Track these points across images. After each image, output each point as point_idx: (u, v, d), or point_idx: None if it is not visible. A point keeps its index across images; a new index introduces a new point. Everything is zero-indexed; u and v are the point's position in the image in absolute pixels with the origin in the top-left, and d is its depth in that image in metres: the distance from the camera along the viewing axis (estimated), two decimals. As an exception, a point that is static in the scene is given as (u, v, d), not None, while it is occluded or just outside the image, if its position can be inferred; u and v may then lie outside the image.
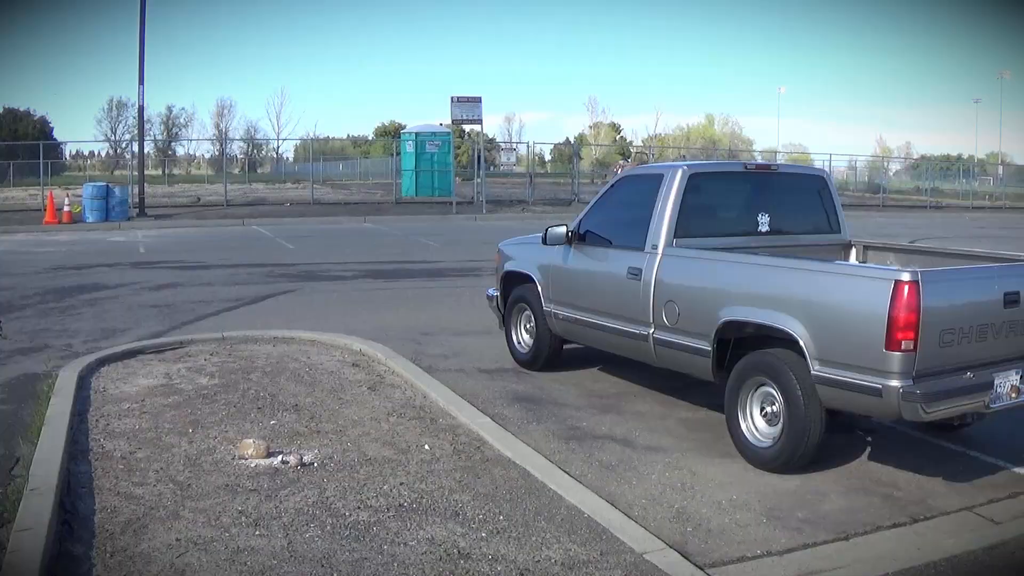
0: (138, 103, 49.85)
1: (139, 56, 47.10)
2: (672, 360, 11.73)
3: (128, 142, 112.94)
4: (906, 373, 9.07)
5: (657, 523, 8.71)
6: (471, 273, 26.20)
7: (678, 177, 11.94)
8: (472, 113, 55.96)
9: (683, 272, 11.53)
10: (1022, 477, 10.42)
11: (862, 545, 8.42)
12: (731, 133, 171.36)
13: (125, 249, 33.27)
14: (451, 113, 55.72)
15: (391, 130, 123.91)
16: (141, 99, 48.54)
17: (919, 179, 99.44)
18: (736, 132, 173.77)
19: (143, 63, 47.15)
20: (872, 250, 13.55)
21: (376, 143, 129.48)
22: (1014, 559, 8.09)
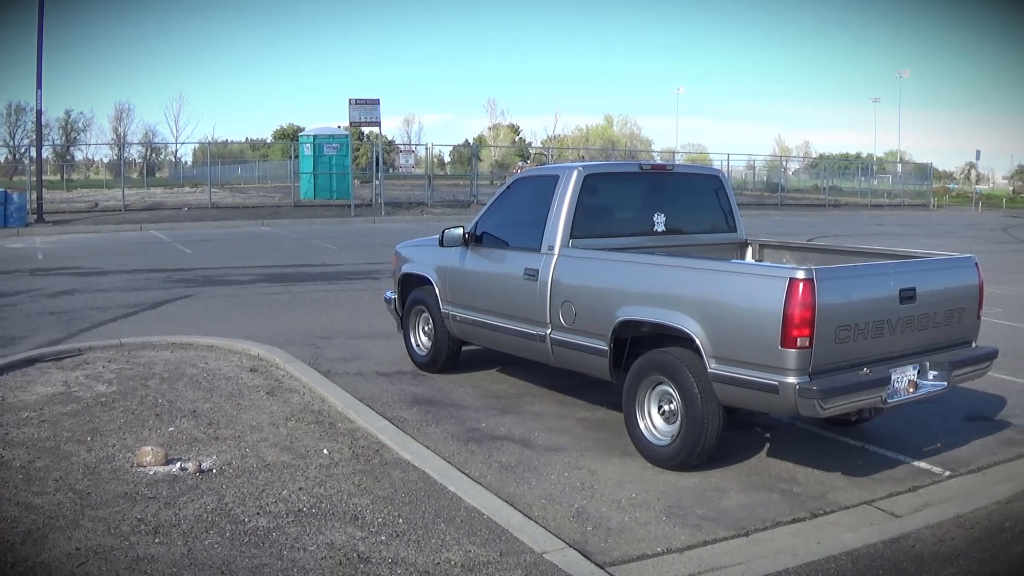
0: (36, 108, 49.22)
1: (37, 60, 46.61)
2: (570, 360, 11.77)
3: (26, 147, 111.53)
4: (802, 370, 9.17)
5: (557, 523, 8.74)
6: (369, 276, 26.15)
7: (573, 178, 11.98)
8: (370, 115, 55.91)
9: (579, 272, 11.56)
10: (921, 470, 10.59)
11: (762, 541, 8.50)
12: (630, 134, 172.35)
13: (23, 256, 32.85)
14: (349, 115, 55.66)
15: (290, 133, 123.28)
16: (39, 104, 47.95)
17: (818, 178, 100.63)
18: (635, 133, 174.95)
19: (41, 67, 46.66)
20: (768, 248, 13.70)
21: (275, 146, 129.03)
22: (914, 552, 8.16)
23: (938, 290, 10.70)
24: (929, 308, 10.42)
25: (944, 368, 10.47)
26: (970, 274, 11.18)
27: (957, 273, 11.17)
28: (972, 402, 13.30)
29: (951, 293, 10.89)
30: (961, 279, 11.10)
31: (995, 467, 10.75)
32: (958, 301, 10.92)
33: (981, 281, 11.22)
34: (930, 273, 10.93)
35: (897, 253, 12.08)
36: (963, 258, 11.33)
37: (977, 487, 9.99)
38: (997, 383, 14.13)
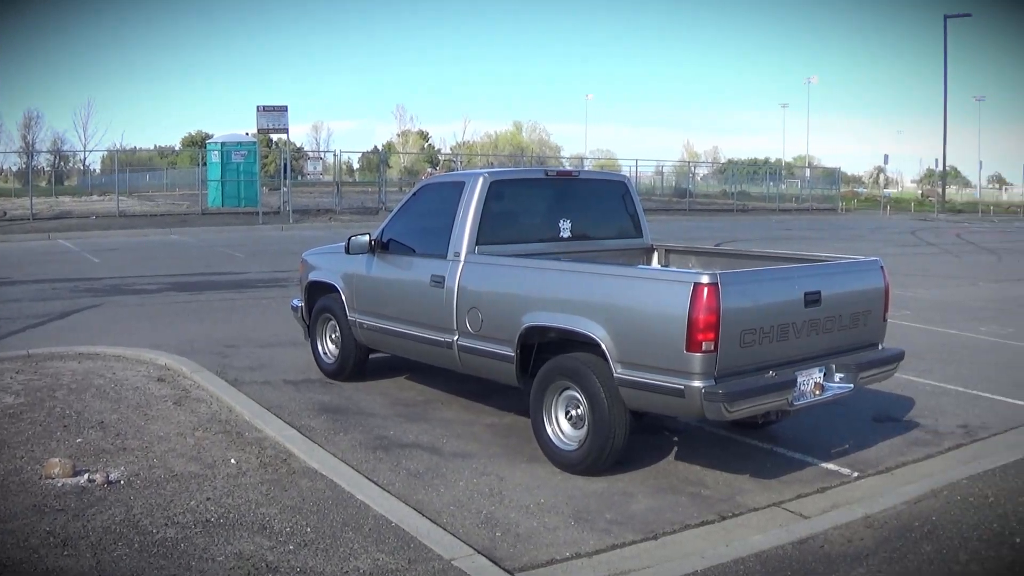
0: (-57, 116, 48.72)
1: (-56, 68, 46.12)
2: (477, 367, 11.76)
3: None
4: (708, 373, 9.21)
5: (466, 529, 8.72)
6: (277, 284, 26.04)
7: (479, 184, 11.98)
8: (278, 122, 55.79)
9: (485, 279, 11.55)
10: (830, 472, 10.69)
11: (671, 544, 8.52)
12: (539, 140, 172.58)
13: (-74, 268, 32.37)
14: (257, 122, 55.55)
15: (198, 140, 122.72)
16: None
17: (726, 183, 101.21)
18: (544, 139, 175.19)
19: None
20: (674, 253, 13.77)
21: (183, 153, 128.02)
22: (823, 552, 8.20)
23: (843, 293, 10.79)
24: (834, 311, 10.51)
25: (850, 370, 10.57)
26: (876, 277, 11.28)
27: (862, 276, 11.28)
28: (880, 403, 13.42)
29: (857, 296, 10.99)
30: (866, 282, 11.21)
31: (903, 467, 10.86)
32: (864, 304, 11.03)
33: (887, 284, 11.33)
34: (835, 277, 11.03)
35: (802, 257, 12.16)
36: (868, 261, 11.45)
37: (885, 487, 10.07)
38: (905, 384, 14.29)
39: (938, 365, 16.36)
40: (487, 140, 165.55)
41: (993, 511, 9.20)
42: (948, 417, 13.01)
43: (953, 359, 17.15)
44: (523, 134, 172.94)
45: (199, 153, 74.17)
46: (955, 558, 8.10)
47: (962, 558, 8.11)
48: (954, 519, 8.97)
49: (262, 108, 55.13)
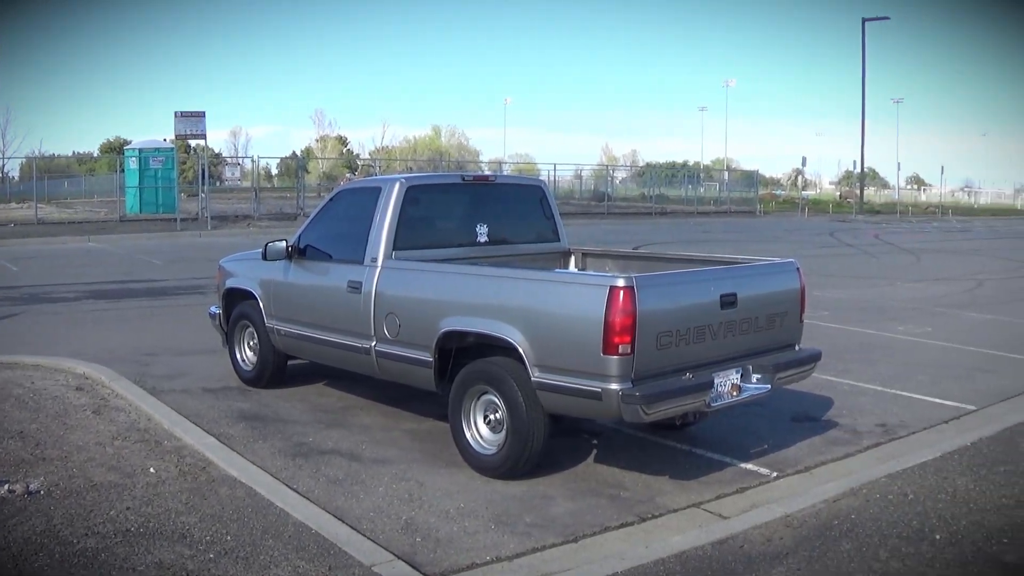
0: None
1: None
2: (395, 372, 11.74)
3: None
4: (625, 376, 9.23)
5: (386, 535, 8.69)
6: (196, 291, 25.83)
7: (396, 190, 11.95)
8: (196, 128, 55.44)
9: (403, 284, 11.54)
10: (749, 472, 10.76)
11: (591, 546, 8.53)
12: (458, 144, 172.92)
13: None
14: (175, 128, 55.17)
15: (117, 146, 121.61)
16: None
17: (645, 186, 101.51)
18: (463, 144, 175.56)
19: None
20: (591, 257, 13.82)
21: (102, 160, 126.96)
22: (743, 552, 8.23)
23: (760, 295, 10.87)
24: (751, 313, 10.59)
25: (767, 371, 10.66)
26: (792, 278, 11.37)
27: (779, 278, 11.37)
28: (798, 403, 13.53)
29: (773, 297, 11.08)
30: (783, 283, 11.30)
31: (822, 467, 10.94)
32: (780, 305, 11.11)
33: (803, 285, 11.40)
34: (751, 278, 11.10)
35: (719, 259, 12.21)
36: (785, 263, 11.54)
37: (804, 487, 10.14)
38: (823, 384, 14.40)
39: (856, 365, 16.50)
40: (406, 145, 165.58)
41: (912, 508, 9.30)
42: (867, 416, 13.13)
43: (871, 359, 17.30)
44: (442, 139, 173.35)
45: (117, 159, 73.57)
46: (875, 555, 8.17)
47: (882, 555, 8.17)
48: (873, 517, 9.05)
49: (180, 114, 54.80)
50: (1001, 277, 34.35)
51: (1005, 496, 9.69)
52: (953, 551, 8.31)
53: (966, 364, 17.05)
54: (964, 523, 8.93)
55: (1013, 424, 12.54)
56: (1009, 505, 9.45)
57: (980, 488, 9.92)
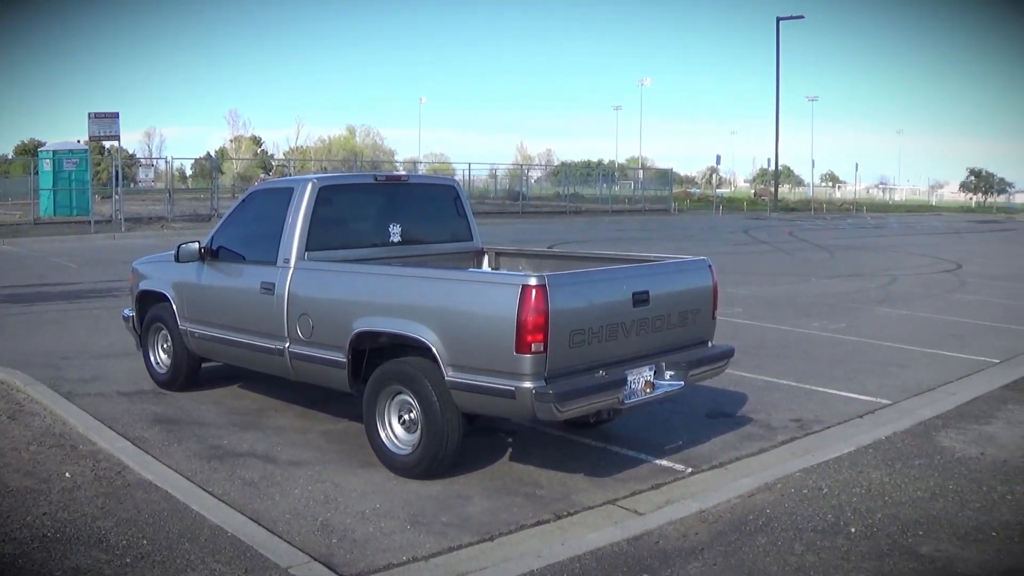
0: None
1: None
2: (309, 373, 11.70)
3: None
4: (538, 374, 9.27)
5: (302, 537, 8.65)
6: (110, 294, 25.59)
7: (308, 190, 11.90)
8: (110, 129, 54.83)
9: (316, 285, 11.51)
10: (664, 468, 10.81)
11: (507, 544, 8.54)
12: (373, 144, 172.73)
13: None
14: (89, 129, 54.52)
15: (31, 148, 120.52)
16: None
17: (560, 185, 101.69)
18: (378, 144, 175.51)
19: None
20: (504, 256, 13.86)
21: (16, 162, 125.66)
22: (658, 548, 8.26)
23: (672, 292, 10.95)
24: (663, 310, 10.66)
25: (680, 368, 10.71)
26: (704, 276, 11.46)
27: (691, 275, 11.46)
28: (713, 400, 13.63)
29: (685, 295, 11.16)
30: (695, 281, 11.38)
31: (736, 462, 11.01)
32: (693, 302, 11.19)
33: (715, 282, 11.51)
34: (663, 276, 11.19)
35: (631, 258, 12.29)
36: (697, 260, 11.62)
37: (719, 482, 10.20)
38: (738, 380, 14.51)
39: (770, 361, 16.64)
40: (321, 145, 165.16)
41: (827, 502, 9.39)
42: (781, 411, 13.26)
43: (785, 354, 17.46)
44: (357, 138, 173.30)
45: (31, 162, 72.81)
46: (790, 549, 8.23)
47: (797, 549, 8.24)
48: (788, 511, 9.13)
49: (94, 115, 54.18)
50: (914, 273, 34.75)
51: (920, 489, 9.80)
52: (868, 544, 8.39)
53: (880, 359, 17.23)
54: (879, 516, 9.03)
55: (927, 418, 12.68)
56: (924, 498, 9.56)
57: (895, 481, 10.03)
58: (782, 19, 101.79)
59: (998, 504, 9.41)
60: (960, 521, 8.94)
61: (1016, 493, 9.73)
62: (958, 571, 7.86)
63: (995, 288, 30.06)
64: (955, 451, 11.18)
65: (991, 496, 9.64)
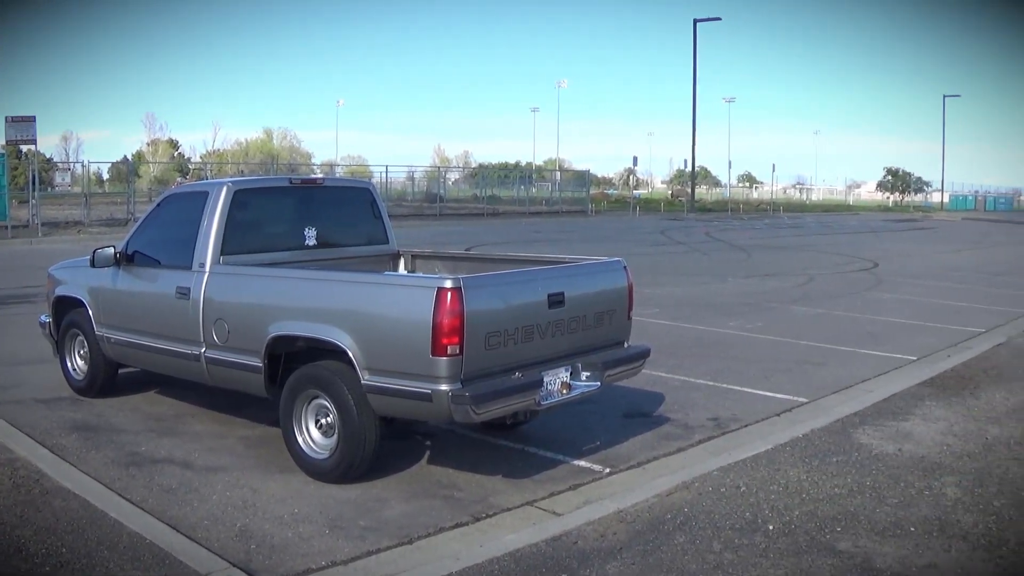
0: None
1: None
2: (226, 378, 11.65)
3: None
4: (454, 377, 9.31)
5: (221, 543, 8.62)
6: (27, 300, 25.33)
7: (223, 194, 11.86)
8: (26, 133, 54.45)
9: (231, 289, 11.47)
10: (582, 469, 10.87)
11: (426, 547, 8.56)
12: (290, 147, 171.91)
13: None
14: (5, 134, 54.14)
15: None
16: None
17: (477, 187, 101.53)
18: (295, 146, 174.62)
19: None
20: (420, 259, 13.87)
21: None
22: (577, 548, 8.29)
23: (587, 294, 11.03)
24: (579, 311, 10.73)
25: (597, 369, 10.80)
26: (619, 277, 11.53)
27: (606, 276, 11.53)
28: (631, 400, 13.70)
29: (600, 296, 11.23)
30: (610, 282, 11.46)
31: (654, 462, 11.09)
32: (608, 303, 11.27)
33: (630, 283, 11.57)
34: (578, 278, 11.25)
35: (546, 259, 12.32)
36: (611, 261, 11.70)
37: (637, 482, 10.27)
38: (654, 380, 14.60)
39: (687, 360, 16.75)
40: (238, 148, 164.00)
41: (745, 500, 9.47)
42: (698, 411, 13.36)
43: (702, 354, 17.57)
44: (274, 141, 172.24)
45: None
46: (709, 548, 8.29)
47: (716, 547, 8.30)
48: (706, 510, 9.19)
49: (10, 119, 53.75)
50: (831, 272, 35.02)
51: (837, 486, 9.91)
52: (786, 541, 8.47)
53: (797, 357, 17.40)
54: (797, 513, 9.12)
55: (844, 415, 12.81)
56: (841, 494, 9.66)
57: (812, 478, 10.14)
58: (699, 21, 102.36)
59: (916, 500, 9.53)
60: (878, 517, 9.04)
61: (934, 489, 9.85)
62: (876, 567, 7.95)
63: (912, 286, 30.43)
64: (872, 448, 11.31)
65: (909, 492, 9.76)
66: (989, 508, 9.31)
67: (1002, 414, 12.93)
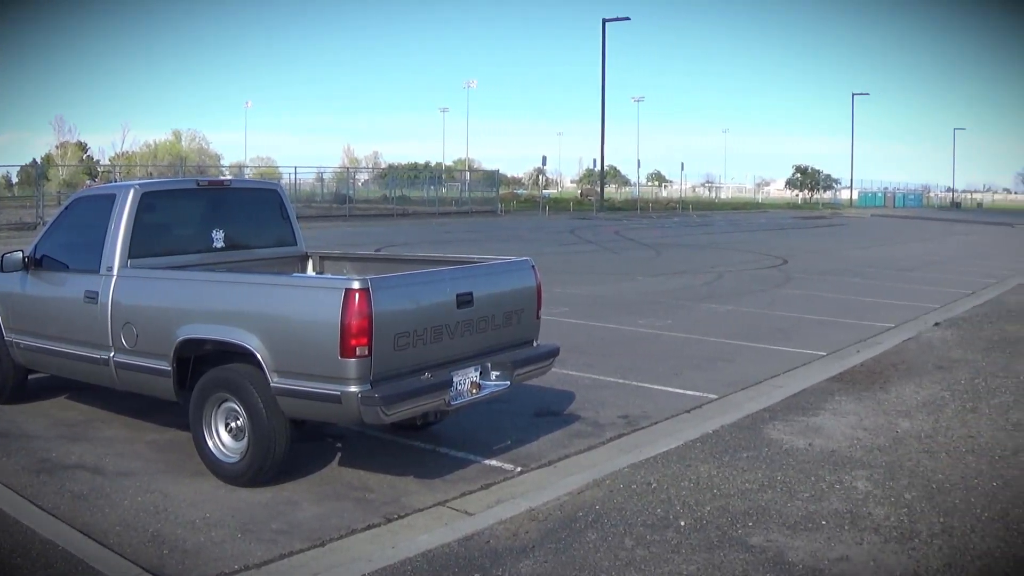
0: None
1: None
2: (135, 383, 11.56)
3: None
4: (363, 378, 9.31)
5: (133, 549, 8.55)
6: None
7: (130, 197, 11.76)
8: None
9: (139, 293, 11.38)
10: (493, 468, 10.89)
11: (338, 550, 8.54)
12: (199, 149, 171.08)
13: None
14: (-87, 140, 53.62)
15: None
16: None
17: (387, 188, 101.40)
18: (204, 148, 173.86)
19: None
20: (329, 260, 13.85)
21: None
22: (489, 548, 8.32)
23: (496, 293, 11.07)
24: (487, 311, 10.78)
25: (506, 368, 10.85)
26: (527, 276, 11.60)
27: (514, 276, 11.59)
28: (541, 399, 13.74)
29: (509, 296, 11.29)
30: (518, 282, 11.52)
31: (565, 460, 11.14)
32: (517, 303, 11.33)
33: (538, 282, 11.63)
34: (487, 277, 11.29)
35: (455, 260, 12.33)
36: (519, 261, 11.75)
37: (548, 480, 10.31)
38: (565, 379, 14.64)
39: (598, 359, 16.82)
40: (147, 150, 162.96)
41: (656, 496, 9.53)
42: (609, 408, 13.42)
43: (613, 352, 17.66)
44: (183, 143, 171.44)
45: None
46: (621, 544, 8.34)
47: (628, 544, 8.35)
48: (618, 507, 9.25)
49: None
50: (739, 269, 35.30)
51: (748, 481, 10.01)
52: (699, 536, 8.53)
53: (707, 354, 17.54)
54: (708, 509, 9.19)
55: (754, 411, 12.96)
56: (752, 489, 9.76)
57: (723, 474, 10.23)
58: (608, 21, 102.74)
59: (827, 493, 9.65)
60: (789, 511, 9.14)
61: (845, 482, 9.98)
62: (789, 560, 8.02)
63: (821, 282, 30.77)
64: (783, 443, 11.44)
65: (820, 486, 9.87)
66: (900, 501, 9.44)
67: (912, 408, 13.11)
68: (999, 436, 11.74)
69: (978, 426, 12.17)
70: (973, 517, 9.01)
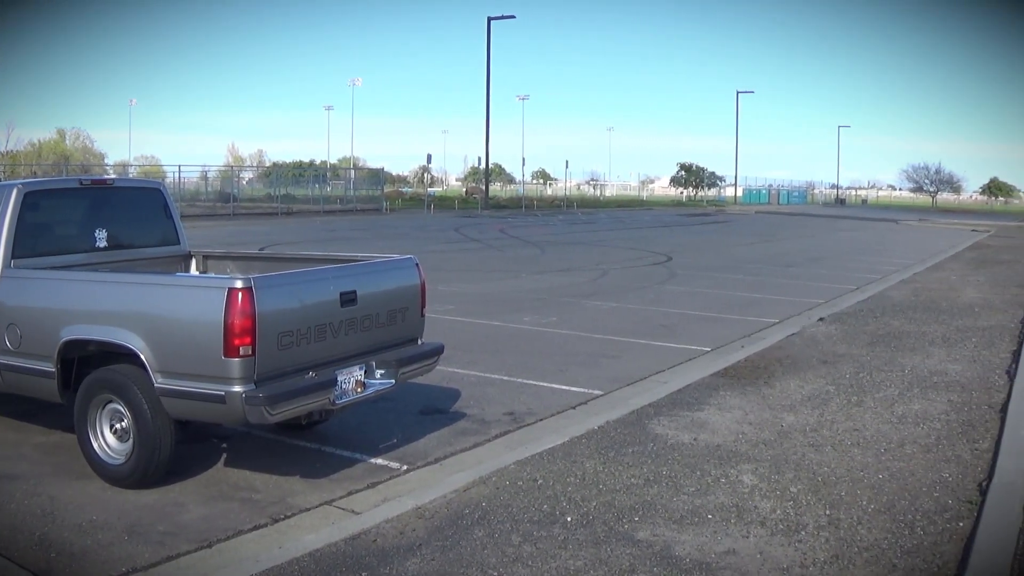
0: None
1: None
2: (19, 385, 11.42)
3: None
4: (247, 378, 9.31)
5: (21, 553, 8.49)
6: None
7: (13, 196, 11.61)
8: None
9: (22, 294, 11.25)
10: (379, 467, 10.92)
11: (225, 551, 8.53)
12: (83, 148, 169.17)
13: None
14: None
15: None
16: None
17: (271, 187, 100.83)
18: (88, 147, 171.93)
19: None
20: (212, 259, 13.76)
21: None
22: (376, 546, 8.33)
23: (379, 292, 11.10)
24: (371, 309, 10.80)
25: (391, 366, 10.88)
26: (411, 274, 11.62)
27: (398, 274, 11.61)
28: (426, 397, 13.77)
29: (393, 294, 11.31)
30: (402, 280, 11.54)
31: (451, 457, 11.20)
32: (401, 301, 11.35)
33: (423, 280, 11.67)
34: (370, 276, 11.32)
35: (338, 258, 12.34)
36: (403, 259, 11.78)
37: (435, 478, 10.37)
38: (450, 376, 14.68)
39: (483, 356, 16.89)
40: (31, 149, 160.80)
41: (542, 493, 9.60)
42: (494, 405, 13.50)
43: (498, 349, 17.73)
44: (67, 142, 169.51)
45: None
46: (508, 541, 8.40)
47: (515, 540, 8.41)
48: (504, 503, 9.31)
49: None
50: (624, 266, 35.50)
51: (634, 476, 10.11)
52: (585, 532, 8.61)
53: (592, 351, 17.65)
54: (595, 504, 9.28)
55: (639, 407, 13.04)
56: (638, 484, 9.86)
57: (609, 470, 10.32)
58: (493, 19, 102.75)
59: (712, 487, 9.78)
60: (675, 506, 9.25)
61: (730, 476, 10.12)
62: (676, 554, 8.12)
63: (705, 278, 31.08)
64: (668, 438, 11.54)
65: (705, 480, 10.00)
66: (786, 494, 9.60)
67: (797, 402, 13.31)
68: (884, 429, 11.96)
69: (863, 419, 12.39)
70: (859, 509, 9.18)
